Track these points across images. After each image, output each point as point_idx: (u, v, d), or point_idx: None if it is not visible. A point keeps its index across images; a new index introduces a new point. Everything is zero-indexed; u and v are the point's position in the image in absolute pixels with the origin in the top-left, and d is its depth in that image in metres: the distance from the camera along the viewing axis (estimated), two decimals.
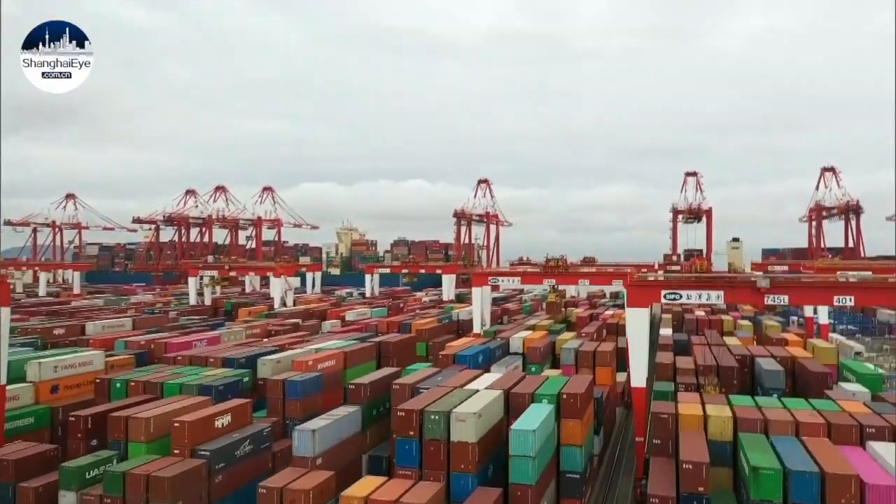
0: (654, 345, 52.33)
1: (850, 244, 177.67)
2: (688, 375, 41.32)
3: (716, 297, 36.20)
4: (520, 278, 72.64)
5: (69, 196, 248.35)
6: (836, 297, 34.12)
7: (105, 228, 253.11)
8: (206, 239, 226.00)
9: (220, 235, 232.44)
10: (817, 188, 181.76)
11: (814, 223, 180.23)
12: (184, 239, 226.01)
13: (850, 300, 34.17)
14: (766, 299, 35.00)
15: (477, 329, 73.28)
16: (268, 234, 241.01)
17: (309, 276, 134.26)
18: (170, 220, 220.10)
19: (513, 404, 33.58)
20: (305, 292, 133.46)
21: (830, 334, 69.20)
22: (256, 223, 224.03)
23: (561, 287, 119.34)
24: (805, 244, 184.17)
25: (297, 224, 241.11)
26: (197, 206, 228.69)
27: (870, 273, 65.80)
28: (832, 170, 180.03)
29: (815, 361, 43.65)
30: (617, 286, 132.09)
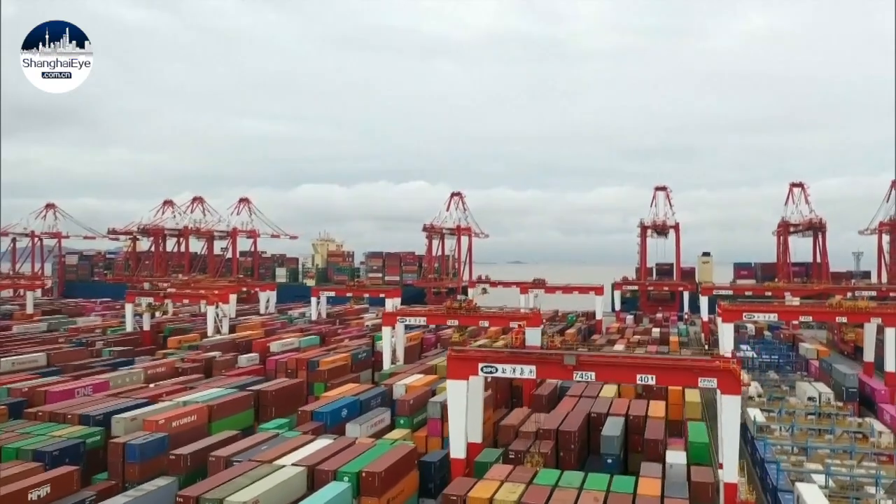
0: None
1: (818, 259, 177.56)
2: (525, 440, 41.62)
3: (528, 372, 36.56)
4: (426, 318, 73.27)
5: (49, 206, 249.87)
6: (638, 376, 34.48)
7: (86, 238, 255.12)
8: (182, 249, 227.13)
9: (198, 246, 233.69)
10: (786, 203, 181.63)
11: (782, 238, 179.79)
12: (162, 249, 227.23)
13: (652, 379, 34.53)
14: (574, 376, 35.40)
15: (387, 367, 74.03)
16: (261, 244, 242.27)
17: (262, 295, 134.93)
18: (145, 232, 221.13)
19: (317, 481, 34.02)
20: (258, 312, 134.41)
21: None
22: (232, 234, 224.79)
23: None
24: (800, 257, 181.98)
25: (276, 234, 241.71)
26: (174, 217, 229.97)
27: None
28: (800, 185, 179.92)
29: (660, 421, 43.96)
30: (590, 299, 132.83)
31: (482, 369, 36.89)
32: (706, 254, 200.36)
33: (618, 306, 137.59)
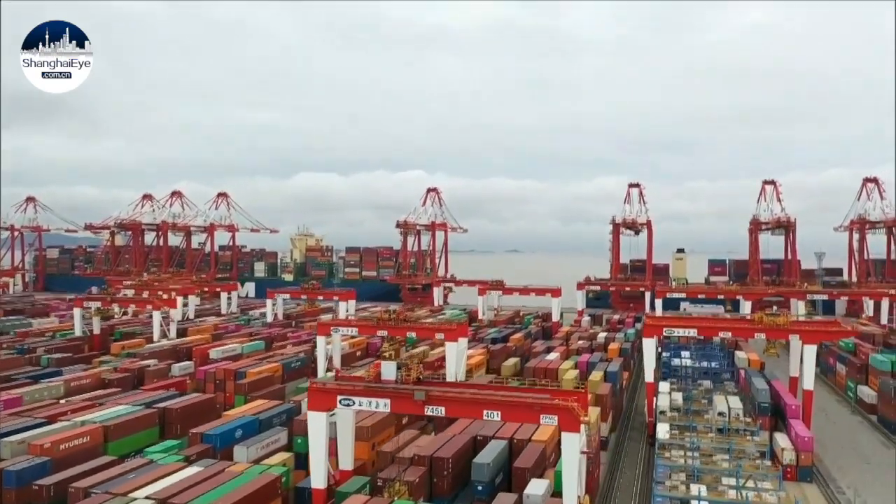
0: None
1: (789, 256, 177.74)
2: (399, 466, 41.98)
3: (383, 405, 36.93)
4: (357, 328, 73.74)
5: (29, 199, 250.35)
6: (485, 412, 34.85)
7: (67, 231, 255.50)
8: (161, 243, 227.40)
9: (177, 240, 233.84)
10: (758, 201, 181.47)
11: (753, 236, 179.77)
12: (141, 243, 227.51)
13: (497, 415, 34.88)
14: (425, 410, 35.77)
15: (321, 376, 74.59)
16: (242, 238, 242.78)
17: (224, 295, 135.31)
18: (122, 227, 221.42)
19: None
20: (220, 313, 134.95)
21: (661, 383, 69.71)
22: (209, 230, 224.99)
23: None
24: (781, 254, 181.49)
25: (255, 229, 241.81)
26: (153, 211, 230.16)
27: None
28: (773, 182, 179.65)
29: (542, 445, 44.32)
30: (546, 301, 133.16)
31: (340, 402, 37.28)
32: (680, 250, 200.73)
33: (580, 305, 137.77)
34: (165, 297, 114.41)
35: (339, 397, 37.28)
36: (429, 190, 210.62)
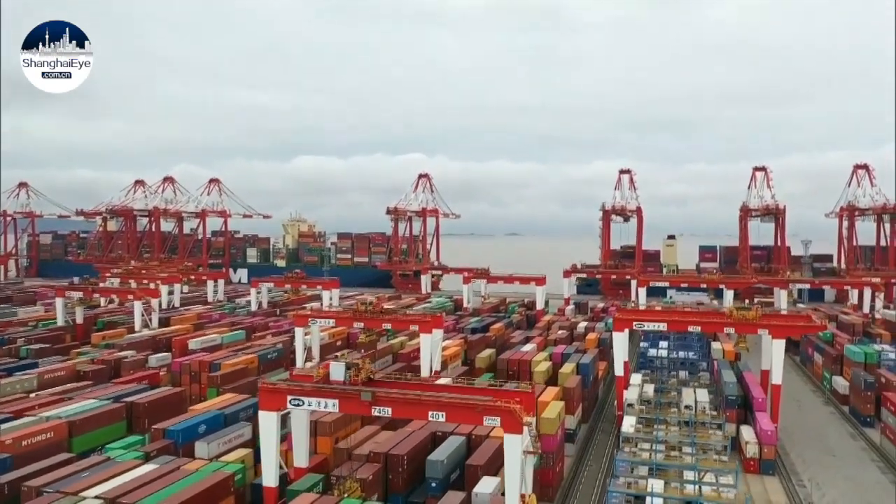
0: None
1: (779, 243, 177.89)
2: (354, 463, 42.37)
3: (332, 406, 37.27)
4: (334, 320, 74.12)
5: (22, 185, 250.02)
6: (430, 413, 35.15)
7: (61, 217, 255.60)
8: (153, 229, 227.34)
9: (169, 226, 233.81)
10: (749, 187, 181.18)
11: (742, 223, 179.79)
12: (133, 229, 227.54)
13: (442, 416, 35.16)
14: (372, 410, 36.12)
15: (300, 365, 75.15)
16: (235, 224, 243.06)
17: (210, 284, 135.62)
18: (113, 213, 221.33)
19: None
20: (207, 301, 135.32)
21: (633, 375, 70.01)
22: (201, 216, 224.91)
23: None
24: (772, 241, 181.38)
25: (248, 215, 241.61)
26: (145, 197, 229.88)
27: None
28: (763, 169, 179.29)
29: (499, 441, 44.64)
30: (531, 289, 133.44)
31: (290, 402, 37.62)
32: (671, 237, 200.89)
33: (566, 293, 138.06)
34: (153, 286, 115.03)
35: (288, 397, 37.63)
36: (420, 176, 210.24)
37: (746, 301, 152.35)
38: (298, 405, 37.53)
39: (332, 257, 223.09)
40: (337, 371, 37.03)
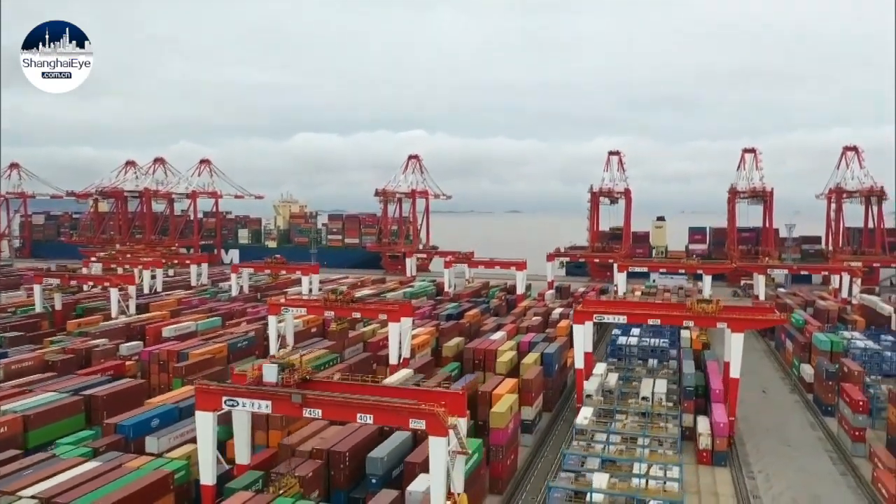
0: None
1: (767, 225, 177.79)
2: (295, 459, 42.97)
3: (265, 407, 37.75)
4: (306, 309, 74.74)
5: (13, 165, 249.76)
6: (358, 415, 35.64)
7: (53, 197, 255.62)
8: (144, 210, 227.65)
9: (161, 206, 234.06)
10: (738, 169, 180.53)
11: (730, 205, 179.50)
12: (124, 210, 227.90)
13: (370, 418, 35.63)
14: (303, 412, 36.64)
15: (272, 353, 75.67)
16: (228, 204, 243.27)
17: (193, 268, 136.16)
18: (104, 194, 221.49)
19: None
20: (190, 285, 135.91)
21: (599, 364, 70.42)
22: (192, 197, 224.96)
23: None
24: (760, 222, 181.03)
25: (239, 195, 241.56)
26: (136, 178, 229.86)
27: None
28: (753, 151, 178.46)
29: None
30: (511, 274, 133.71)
31: (225, 402, 38.15)
32: (660, 218, 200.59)
33: (549, 276, 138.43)
34: (135, 271, 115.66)
35: (224, 398, 38.15)
36: (410, 157, 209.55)
37: (734, 287, 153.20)
38: (234, 406, 38.08)
39: (322, 238, 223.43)
40: (269, 372, 37.49)
